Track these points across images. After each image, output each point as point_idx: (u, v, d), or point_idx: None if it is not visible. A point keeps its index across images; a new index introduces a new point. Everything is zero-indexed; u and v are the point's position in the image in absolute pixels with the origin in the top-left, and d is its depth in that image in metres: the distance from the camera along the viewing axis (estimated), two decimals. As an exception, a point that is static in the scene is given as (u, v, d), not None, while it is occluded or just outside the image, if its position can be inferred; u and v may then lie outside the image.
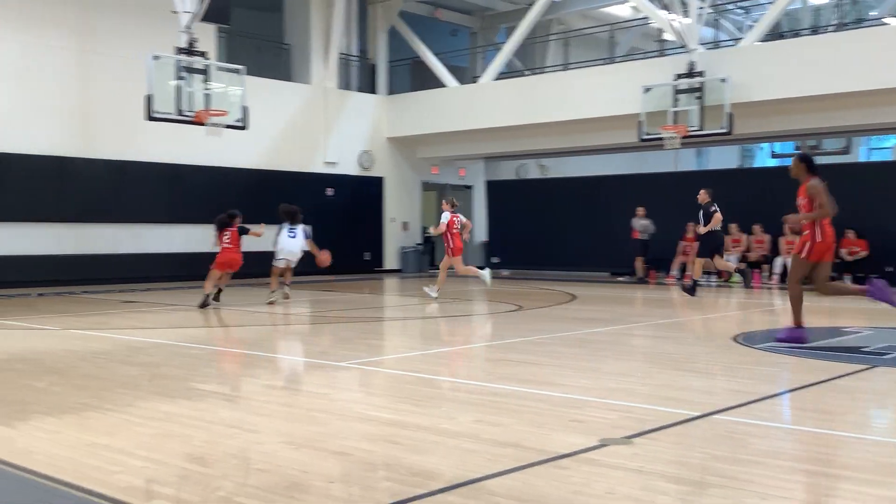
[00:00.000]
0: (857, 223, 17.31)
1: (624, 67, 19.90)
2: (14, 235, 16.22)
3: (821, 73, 16.21)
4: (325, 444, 4.46)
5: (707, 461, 4.16)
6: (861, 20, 22.10)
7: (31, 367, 7.08)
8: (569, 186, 22.56)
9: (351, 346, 8.56)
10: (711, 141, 20.98)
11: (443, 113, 21.86)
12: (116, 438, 4.58)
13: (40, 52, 16.61)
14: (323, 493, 3.64)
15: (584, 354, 8.14)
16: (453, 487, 3.70)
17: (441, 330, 10.72)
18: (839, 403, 5.70)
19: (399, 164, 23.41)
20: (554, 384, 6.31)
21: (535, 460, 4.12)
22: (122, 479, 3.84)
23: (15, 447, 4.41)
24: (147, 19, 17.56)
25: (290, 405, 5.61)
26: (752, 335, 9.21)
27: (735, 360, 7.42)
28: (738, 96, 16.91)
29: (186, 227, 18.37)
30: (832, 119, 17.19)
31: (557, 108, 19.77)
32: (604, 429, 4.81)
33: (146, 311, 12.35)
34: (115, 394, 5.85)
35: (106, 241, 17.44)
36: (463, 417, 5.12)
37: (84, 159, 17.11)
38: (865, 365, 7.15)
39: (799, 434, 4.95)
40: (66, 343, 8.68)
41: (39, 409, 5.38)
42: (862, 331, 9.76)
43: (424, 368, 7.27)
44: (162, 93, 14.33)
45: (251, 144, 19.32)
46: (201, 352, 8.16)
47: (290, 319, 11.68)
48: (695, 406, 5.37)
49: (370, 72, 23.39)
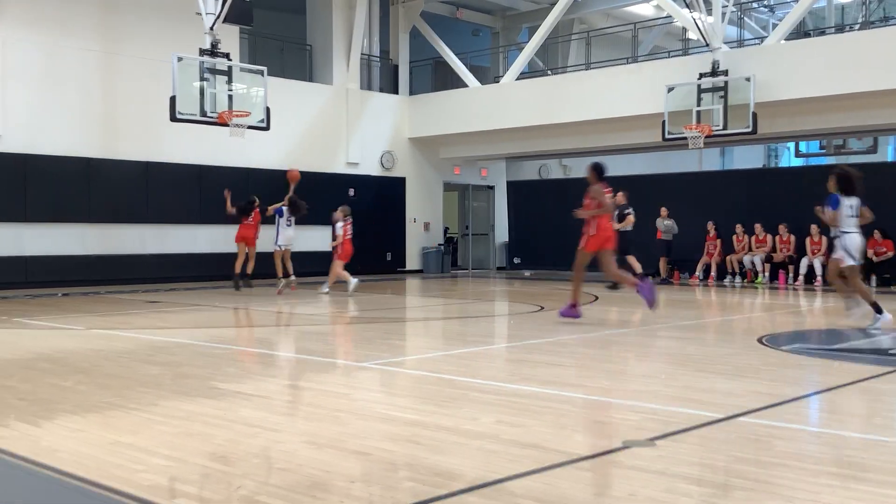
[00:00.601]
0: (883, 223, 17.11)
1: (647, 67, 19.79)
2: (40, 236, 16.39)
3: (846, 72, 16.04)
4: (347, 444, 4.46)
5: (731, 463, 4.12)
6: (887, 18, 21.86)
7: (57, 366, 7.15)
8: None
9: (373, 347, 8.57)
10: (736, 140, 20.83)
11: (465, 113, 21.85)
12: (140, 437, 4.61)
13: (65, 55, 16.78)
14: (344, 493, 3.64)
15: (607, 356, 8.10)
16: (475, 488, 3.68)
17: (463, 330, 10.70)
18: (865, 406, 5.63)
19: (421, 165, 23.42)
20: (576, 385, 6.28)
21: (557, 462, 4.10)
22: (146, 477, 3.86)
23: (40, 446, 4.45)
24: (171, 21, 17.69)
25: (312, 405, 5.62)
26: (776, 337, 9.13)
27: (760, 362, 7.35)
28: (763, 95, 16.77)
29: (210, 227, 18.48)
30: (858, 118, 17.00)
31: (580, 108, 19.70)
32: (627, 430, 4.78)
33: (170, 311, 12.44)
34: (139, 393, 5.89)
35: (130, 242, 17.58)
36: (485, 418, 5.11)
37: (109, 160, 17.27)
38: (892, 367, 7.07)
39: (824, 437, 4.89)
40: (90, 342, 8.75)
41: (64, 407, 5.42)
42: (889, 332, 9.63)
43: (446, 369, 7.27)
44: (186, 94, 14.43)
45: (274, 145, 19.41)
46: (224, 351, 8.20)
47: (312, 320, 11.72)
48: (719, 408, 5.32)
49: (392, 72, 23.43)
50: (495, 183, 25.39)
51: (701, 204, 19.66)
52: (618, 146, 20.86)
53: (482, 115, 21.44)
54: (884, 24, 20.40)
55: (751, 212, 19.01)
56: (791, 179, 20.31)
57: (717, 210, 19.33)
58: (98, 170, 17.09)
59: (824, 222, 10.06)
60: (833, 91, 16.29)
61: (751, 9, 24.12)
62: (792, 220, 18.25)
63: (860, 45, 16.51)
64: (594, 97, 19.49)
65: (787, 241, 18.33)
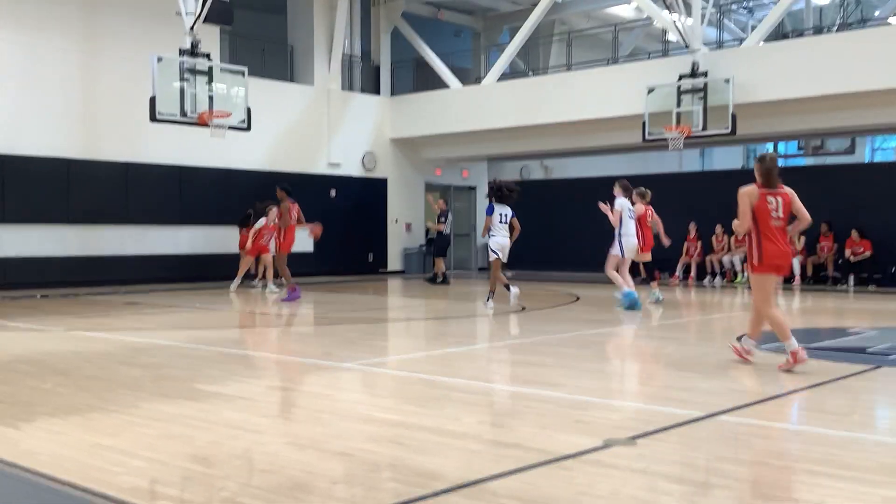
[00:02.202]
0: (860, 223, 17.30)
1: (627, 68, 19.88)
2: (18, 237, 16.23)
3: (825, 74, 16.17)
4: (329, 445, 4.46)
5: (711, 462, 4.16)
6: (865, 20, 22.07)
7: (36, 368, 7.09)
8: (572, 187, 22.55)
9: (355, 347, 8.57)
10: (715, 141, 20.97)
11: (446, 114, 21.86)
12: (120, 439, 4.59)
13: (44, 54, 16.63)
14: (326, 494, 3.64)
15: (588, 355, 8.13)
16: (457, 488, 3.69)
17: (445, 331, 10.71)
18: (843, 404, 5.69)
19: (402, 166, 23.40)
20: (558, 385, 6.31)
21: (539, 461, 4.12)
22: (126, 479, 3.84)
23: (19, 448, 4.42)
24: (151, 21, 17.57)
25: (294, 406, 5.61)
26: (756, 336, 9.17)
27: (739, 361, 7.40)
28: (742, 96, 16.88)
29: (191, 228, 18.38)
30: (836, 119, 17.15)
31: (561, 109, 19.75)
32: (608, 429, 4.80)
33: (150, 313, 12.36)
34: (119, 395, 5.85)
35: (110, 243, 17.45)
36: (467, 418, 5.12)
37: (88, 161, 17.13)
38: (869, 365, 7.14)
39: (803, 434, 4.94)
40: (70, 344, 8.69)
41: (44, 410, 5.39)
42: (866, 331, 9.74)
43: (428, 369, 7.27)
44: (166, 94, 14.34)
45: (255, 146, 19.33)
46: (204, 353, 8.16)
47: (293, 321, 11.69)
48: (699, 407, 5.36)
49: (373, 73, 23.40)
50: (476, 184, 25.42)
51: (681, 205, 19.77)
52: (598, 147, 20.94)
53: (463, 116, 21.46)
54: (861, 25, 20.61)
55: (730, 212, 18.98)
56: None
57: (696, 210, 19.43)
58: (78, 170, 16.95)
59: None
60: (811, 92, 16.42)
61: (730, 11, 24.27)
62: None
63: (838, 46, 16.66)
64: (575, 98, 19.55)
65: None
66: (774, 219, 6.92)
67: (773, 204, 6.92)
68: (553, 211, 22.09)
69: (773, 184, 6.95)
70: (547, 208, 22.40)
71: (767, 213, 6.89)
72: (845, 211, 17.58)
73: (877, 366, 7.13)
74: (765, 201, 6.90)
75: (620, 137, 19.54)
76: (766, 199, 6.90)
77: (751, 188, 6.97)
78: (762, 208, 6.89)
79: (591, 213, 16.01)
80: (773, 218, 6.91)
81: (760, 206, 6.90)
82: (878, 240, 17.15)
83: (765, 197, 6.91)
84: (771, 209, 6.90)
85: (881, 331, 9.75)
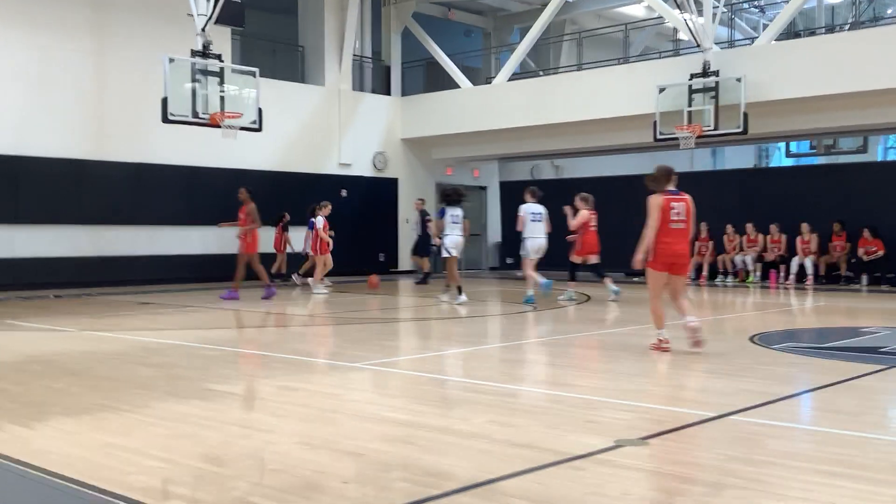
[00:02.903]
0: (873, 222, 17.19)
1: (638, 67, 19.82)
2: (31, 238, 16.32)
3: (837, 72, 16.09)
4: (340, 445, 4.46)
5: (723, 462, 4.14)
6: (877, 18, 21.96)
7: (48, 368, 7.12)
8: (583, 187, 22.44)
9: (365, 347, 8.57)
10: (727, 141, 20.87)
11: (457, 114, 21.85)
12: (132, 439, 4.60)
13: (56, 56, 16.71)
14: (338, 494, 3.65)
15: (599, 355, 8.12)
16: (468, 488, 3.69)
17: (455, 331, 10.71)
18: (856, 404, 5.66)
19: (413, 166, 23.41)
20: (569, 385, 6.30)
21: (550, 461, 4.11)
22: (138, 479, 3.85)
23: (31, 448, 4.44)
24: (162, 22, 17.64)
25: (305, 406, 5.61)
26: (768, 335, 9.16)
27: (751, 361, 7.37)
28: (754, 95, 16.81)
29: (202, 228, 18.43)
30: (848, 118, 17.06)
31: (571, 109, 19.72)
32: (619, 430, 4.79)
33: (162, 313, 12.41)
34: (131, 394, 5.87)
35: (122, 244, 17.52)
36: (477, 418, 5.11)
37: (100, 162, 17.21)
38: (883, 365, 7.10)
39: (815, 435, 4.91)
40: (82, 344, 8.73)
41: (56, 409, 5.41)
42: (880, 331, 9.68)
43: (439, 369, 7.27)
44: (177, 95, 14.37)
45: (266, 146, 19.37)
46: (216, 353, 8.19)
47: (304, 321, 11.71)
48: (710, 407, 5.34)
49: (384, 73, 23.41)
50: (487, 183, 25.39)
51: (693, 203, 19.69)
52: (609, 146, 20.89)
53: (474, 116, 21.44)
54: (874, 24, 20.48)
55: (742, 212, 19.07)
56: (782, 179, 20.36)
57: (708, 210, 19.35)
58: (89, 171, 17.02)
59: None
60: (823, 91, 16.34)
61: (741, 9, 24.18)
62: (783, 219, 18.31)
63: (850, 45, 16.57)
64: (586, 98, 19.51)
65: (779, 241, 18.39)
66: (675, 221, 7.58)
67: (676, 209, 7.62)
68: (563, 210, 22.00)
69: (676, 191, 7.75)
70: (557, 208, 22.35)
71: (669, 216, 7.56)
72: (858, 210, 17.49)
73: (890, 366, 7.08)
74: (668, 206, 7.60)
75: (631, 137, 19.50)
76: (669, 204, 7.62)
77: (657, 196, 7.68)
78: (665, 212, 7.59)
79: (602, 212, 16.02)
80: (672, 220, 7.57)
81: (664, 209, 7.59)
82: (892, 239, 17.04)
83: (668, 203, 7.61)
84: (673, 214, 7.58)
85: (894, 330, 9.69)
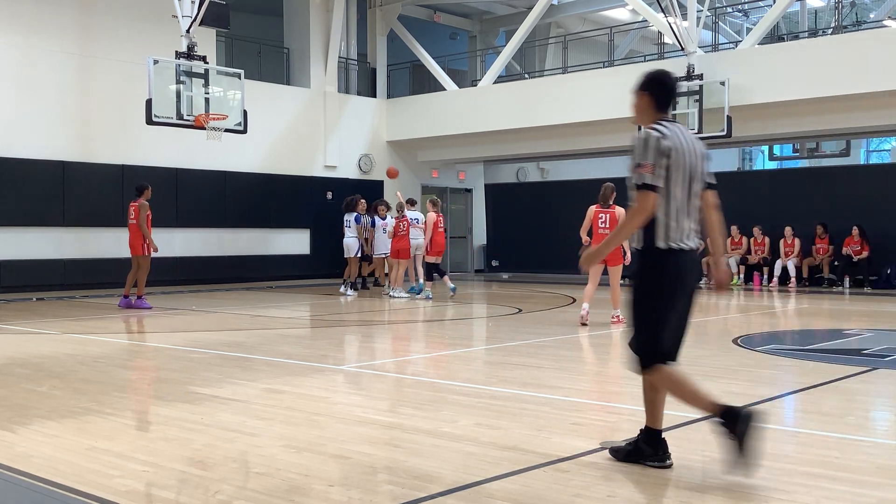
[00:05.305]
0: (856, 225, 17.32)
1: (623, 70, 19.89)
2: (14, 240, 16.20)
3: (819, 76, 16.21)
4: (325, 448, 4.45)
5: (708, 464, 4.16)
6: (860, 22, 22.14)
7: (32, 371, 7.08)
8: (568, 189, 22.56)
9: (351, 350, 8.56)
10: (710, 143, 20.88)
11: (442, 116, 21.87)
12: (116, 442, 4.58)
13: (41, 57, 16.60)
14: (323, 497, 3.64)
15: (585, 357, 8.14)
16: (454, 491, 3.69)
17: (441, 333, 10.71)
18: (839, 406, 5.70)
19: (399, 168, 23.35)
20: (554, 387, 6.31)
21: (536, 463, 4.12)
22: (122, 482, 3.83)
23: (15, 451, 4.41)
24: (147, 24, 17.56)
25: (290, 408, 5.60)
26: (752, 338, 9.21)
27: (735, 363, 7.42)
28: (737, 99, 16.92)
29: (187, 230, 18.36)
30: (831, 121, 17.18)
31: (557, 112, 19.77)
32: (604, 432, 4.81)
33: (146, 315, 12.35)
34: (115, 398, 5.84)
35: (106, 246, 17.40)
36: (463, 421, 5.11)
37: (84, 163, 17.10)
38: (866, 367, 7.15)
39: (799, 436, 4.94)
40: (66, 347, 8.67)
41: (39, 413, 5.38)
42: (862, 333, 9.76)
43: (425, 372, 7.27)
44: (162, 97, 14.32)
45: (251, 148, 19.32)
46: (200, 355, 8.15)
47: (290, 323, 11.68)
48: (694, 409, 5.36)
49: (370, 75, 23.40)
50: (473, 186, 25.42)
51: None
52: (594, 149, 20.95)
53: (460, 119, 21.47)
54: (856, 28, 20.66)
55: (725, 214, 18.89)
56: (765, 182, 20.49)
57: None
58: (74, 173, 16.92)
59: None
60: (806, 95, 16.45)
61: (725, 13, 24.31)
62: (766, 222, 18.43)
63: (833, 49, 16.69)
64: (571, 101, 19.57)
65: (762, 244, 18.50)
66: (602, 228, 10.39)
67: (603, 218, 10.49)
68: (549, 213, 22.11)
69: (606, 204, 10.51)
70: (543, 210, 22.44)
71: (597, 224, 10.49)
72: (841, 213, 17.62)
73: (873, 367, 7.14)
74: (597, 216, 10.54)
75: (616, 140, 19.55)
76: (598, 214, 10.54)
77: (592, 207, 10.59)
78: (595, 221, 10.52)
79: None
80: (600, 228, 10.42)
81: (594, 219, 10.52)
82: (874, 242, 17.19)
83: (597, 213, 10.55)
84: (600, 222, 10.47)
85: (877, 332, 9.77)
